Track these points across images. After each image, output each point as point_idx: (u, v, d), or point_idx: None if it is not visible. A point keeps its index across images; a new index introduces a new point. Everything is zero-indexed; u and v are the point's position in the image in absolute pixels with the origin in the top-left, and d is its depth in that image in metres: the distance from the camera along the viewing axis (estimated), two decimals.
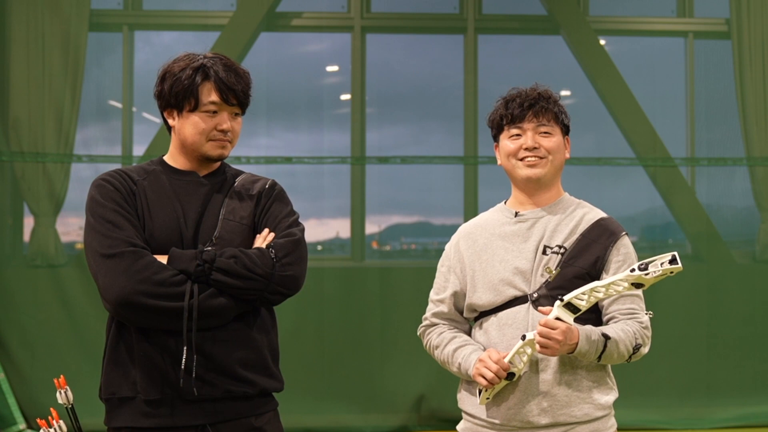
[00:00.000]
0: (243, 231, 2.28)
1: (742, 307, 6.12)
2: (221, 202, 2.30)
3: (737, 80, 6.22)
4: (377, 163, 6.33)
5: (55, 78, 5.93)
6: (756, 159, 6.18)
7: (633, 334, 2.30)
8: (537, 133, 2.45)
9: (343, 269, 6.27)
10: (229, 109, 2.28)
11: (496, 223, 2.51)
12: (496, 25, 6.51)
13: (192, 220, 2.25)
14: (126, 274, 2.10)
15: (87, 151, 6.09)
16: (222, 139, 2.28)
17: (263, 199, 2.34)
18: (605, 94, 6.29)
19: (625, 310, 2.34)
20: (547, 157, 2.45)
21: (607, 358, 2.28)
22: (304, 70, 6.62)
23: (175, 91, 2.26)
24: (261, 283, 2.18)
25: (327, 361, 5.96)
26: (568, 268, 2.33)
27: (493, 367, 2.28)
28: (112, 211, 2.18)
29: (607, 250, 2.35)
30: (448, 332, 2.53)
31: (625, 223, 2.53)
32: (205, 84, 2.26)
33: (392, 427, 5.82)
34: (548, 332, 2.17)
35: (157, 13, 6.44)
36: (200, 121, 2.26)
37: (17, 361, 5.74)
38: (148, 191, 2.26)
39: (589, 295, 2.17)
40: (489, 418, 2.38)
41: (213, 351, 2.17)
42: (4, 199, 6.08)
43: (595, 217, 2.44)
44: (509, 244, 2.43)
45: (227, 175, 2.37)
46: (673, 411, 5.96)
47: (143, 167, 2.35)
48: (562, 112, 2.49)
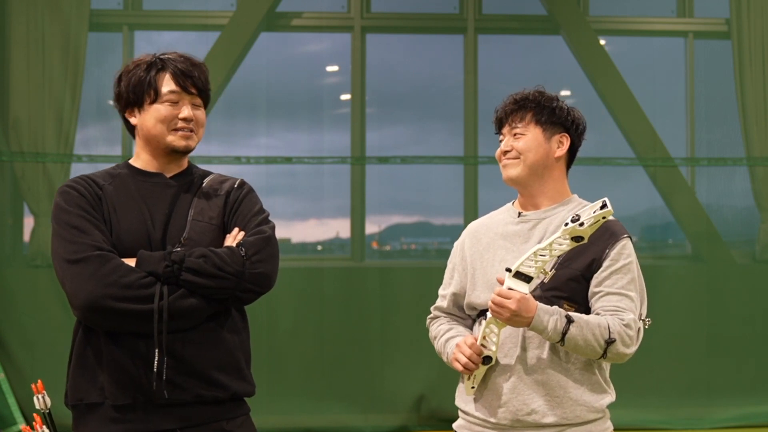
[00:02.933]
0: (212, 231, 2.25)
1: (742, 307, 6.12)
2: (189, 202, 2.27)
3: (737, 80, 6.22)
4: (377, 163, 6.33)
5: (55, 78, 5.92)
6: (756, 159, 6.18)
7: (606, 327, 2.25)
8: (512, 136, 2.48)
9: (343, 269, 6.27)
10: (189, 98, 2.27)
11: (500, 222, 2.51)
12: (496, 25, 6.52)
13: (160, 222, 2.22)
14: (93, 279, 2.07)
15: (87, 151, 6.09)
16: (185, 127, 2.25)
17: (232, 198, 2.31)
18: (605, 94, 6.29)
19: (609, 307, 2.30)
20: (519, 158, 2.45)
21: (571, 342, 2.23)
22: (304, 70, 6.62)
23: (133, 85, 2.25)
24: (232, 281, 2.15)
25: (327, 361, 5.96)
26: (563, 269, 2.31)
27: (467, 351, 2.30)
28: (77, 217, 2.16)
29: (603, 253, 2.32)
30: (446, 324, 2.56)
31: (625, 223, 2.50)
32: (162, 74, 2.26)
33: (392, 427, 5.83)
34: (501, 300, 2.18)
35: (157, 13, 6.44)
36: (161, 110, 2.24)
37: (17, 361, 5.74)
38: (114, 195, 2.23)
39: (535, 260, 2.16)
40: (481, 415, 2.39)
41: (183, 353, 2.14)
42: (4, 199, 6.08)
43: None
44: (510, 244, 2.43)
45: (195, 176, 2.34)
46: (673, 411, 5.96)
47: (109, 171, 2.32)
48: (546, 110, 2.47)
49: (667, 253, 6.67)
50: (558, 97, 2.53)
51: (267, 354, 5.88)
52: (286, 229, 6.53)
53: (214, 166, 6.20)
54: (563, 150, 2.47)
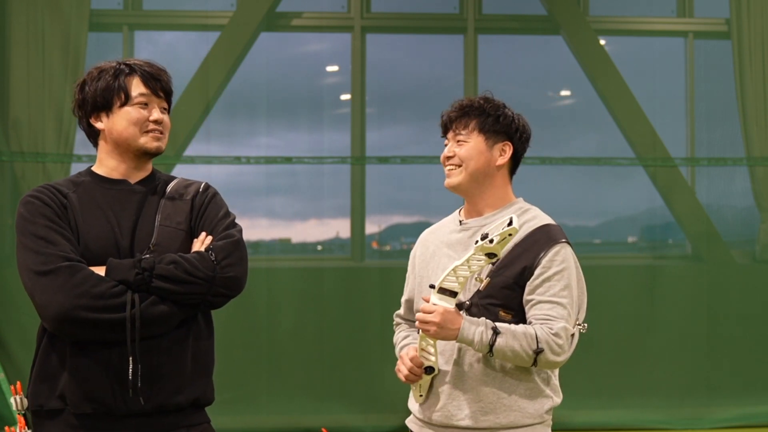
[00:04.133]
0: (180, 236, 2.24)
1: (742, 307, 6.12)
2: (156, 208, 2.26)
3: (737, 80, 6.22)
4: (377, 163, 6.33)
5: (55, 78, 5.93)
6: (756, 159, 6.18)
7: (534, 337, 2.26)
8: (455, 142, 2.48)
9: (343, 269, 6.27)
10: (157, 101, 2.28)
11: (446, 230, 2.56)
12: (496, 25, 6.52)
13: (127, 228, 2.21)
14: (63, 290, 2.05)
15: (87, 151, 6.08)
16: (156, 129, 2.26)
17: (198, 202, 2.30)
18: (605, 94, 6.29)
19: (540, 316, 2.30)
20: (461, 165, 2.46)
21: (500, 353, 2.25)
22: (304, 70, 6.62)
23: (101, 90, 2.25)
24: (203, 286, 2.14)
25: (327, 361, 5.96)
26: (498, 277, 2.32)
27: (408, 363, 2.37)
28: (43, 227, 2.13)
29: (535, 260, 2.32)
30: (404, 332, 2.63)
31: (625, 223, 2.54)
32: (131, 77, 2.26)
33: (392, 427, 5.83)
34: (424, 316, 2.24)
35: (157, 13, 6.44)
36: (132, 112, 2.24)
37: (17, 361, 5.73)
38: (79, 203, 2.22)
39: (456, 276, 2.21)
40: (422, 417, 2.45)
41: (149, 361, 2.13)
42: (4, 199, 6.08)
43: (535, 225, 2.39)
44: (453, 252, 2.45)
45: (159, 181, 2.33)
46: (673, 411, 5.97)
47: (71, 180, 2.31)
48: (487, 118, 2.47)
49: (667, 253, 6.67)
50: (504, 104, 2.53)
51: (267, 354, 5.88)
52: (286, 229, 6.54)
53: (214, 166, 6.20)
54: (505, 158, 2.47)
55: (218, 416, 2.44)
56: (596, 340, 5.82)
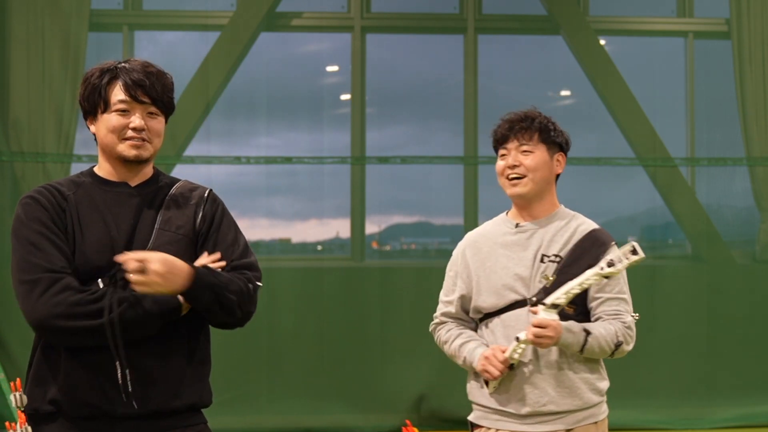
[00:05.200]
0: (179, 241, 2.21)
1: (742, 307, 6.12)
2: (156, 212, 2.23)
3: (737, 80, 6.22)
4: (377, 163, 6.34)
5: (55, 78, 5.93)
6: (756, 159, 6.18)
7: (614, 333, 2.57)
8: (519, 152, 2.66)
9: (343, 269, 6.27)
10: (141, 107, 2.20)
11: (498, 233, 2.73)
12: (496, 25, 6.52)
13: (125, 232, 2.18)
14: (41, 300, 2.06)
15: (87, 151, 6.09)
16: (136, 137, 2.19)
17: (206, 212, 2.27)
18: (605, 94, 6.29)
19: (611, 311, 2.60)
20: (528, 176, 2.65)
21: (589, 351, 2.54)
22: (304, 70, 6.62)
23: (88, 94, 2.21)
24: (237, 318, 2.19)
25: (327, 361, 5.96)
26: (563, 275, 2.56)
27: (499, 366, 2.55)
28: (35, 233, 2.12)
29: (597, 260, 2.52)
30: (455, 329, 2.76)
31: (625, 223, 2.63)
32: (112, 84, 2.20)
33: (392, 427, 5.82)
34: (541, 332, 2.46)
35: (157, 13, 6.45)
36: (110, 119, 2.19)
37: (17, 361, 5.73)
38: (78, 205, 2.19)
39: (567, 295, 2.47)
40: (500, 407, 2.63)
41: (145, 365, 2.12)
42: (4, 199, 6.08)
43: (587, 229, 2.66)
44: (510, 253, 2.66)
45: (161, 184, 2.29)
46: (673, 411, 5.97)
47: (73, 179, 2.27)
48: (548, 131, 2.66)
49: (667, 253, 6.67)
50: (553, 119, 2.73)
51: (267, 354, 5.88)
52: (286, 229, 6.54)
53: (214, 166, 6.20)
54: (561, 168, 2.73)
55: (218, 416, 2.44)
56: None
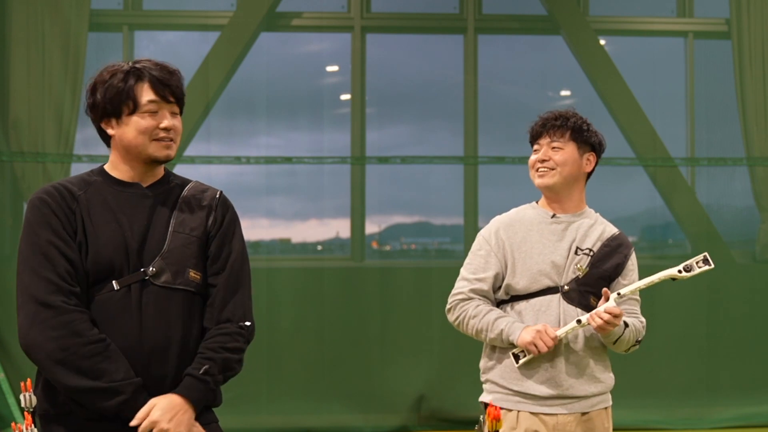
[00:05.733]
0: (192, 243, 2.22)
1: (742, 307, 6.12)
2: (169, 213, 2.23)
3: (737, 80, 6.22)
4: (377, 163, 6.33)
5: (55, 78, 5.92)
6: (756, 159, 6.18)
7: (639, 330, 2.81)
8: (550, 148, 2.81)
9: (343, 269, 6.27)
10: (167, 107, 2.21)
11: (533, 220, 2.85)
12: (496, 25, 6.52)
13: (138, 233, 2.18)
14: (45, 333, 2.11)
15: (87, 151, 6.08)
16: (166, 137, 2.21)
17: (217, 213, 2.29)
18: (605, 94, 6.29)
19: (630, 311, 2.80)
20: (556, 169, 2.80)
21: (620, 342, 2.75)
22: (304, 70, 6.62)
23: (110, 96, 2.18)
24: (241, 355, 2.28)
25: (327, 361, 5.96)
26: (595, 269, 2.77)
27: (549, 342, 2.66)
28: (45, 242, 2.12)
29: (626, 259, 2.83)
30: (485, 305, 2.82)
31: (625, 223, 2.70)
32: (140, 84, 2.19)
33: (392, 427, 5.83)
34: (612, 320, 2.62)
35: (157, 13, 6.44)
36: (141, 120, 2.18)
37: (17, 361, 5.73)
38: (90, 206, 2.18)
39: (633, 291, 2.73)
40: (522, 390, 2.73)
41: (150, 372, 2.15)
42: (4, 199, 6.08)
43: (613, 231, 2.87)
44: (546, 241, 2.80)
45: (172, 185, 2.30)
46: (673, 411, 5.96)
47: (83, 178, 2.26)
48: (581, 130, 2.82)
49: (667, 253, 6.67)
50: (589, 121, 2.89)
51: (267, 354, 5.88)
52: (286, 229, 6.54)
53: (214, 166, 6.20)
54: (590, 167, 2.88)
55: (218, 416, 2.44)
56: None
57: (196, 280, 2.21)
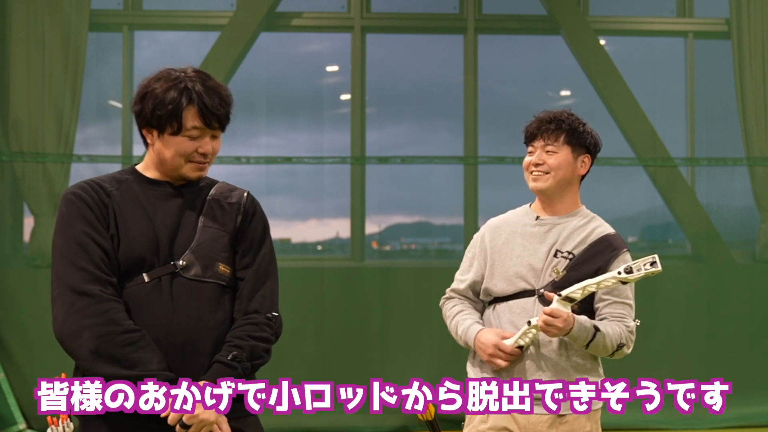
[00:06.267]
0: (221, 238, 2.28)
1: (742, 307, 6.11)
2: (199, 210, 2.29)
3: (737, 80, 6.22)
4: (377, 163, 6.33)
5: (55, 78, 5.92)
6: (756, 159, 6.18)
7: (619, 334, 2.69)
8: (544, 151, 2.76)
9: (343, 269, 6.27)
10: (210, 132, 2.26)
11: (519, 222, 2.84)
12: (496, 25, 6.52)
13: (168, 228, 2.23)
14: (85, 324, 2.11)
15: (87, 151, 6.09)
16: (202, 161, 2.27)
17: (246, 209, 2.35)
18: (605, 94, 6.29)
19: (616, 314, 2.74)
20: (550, 173, 2.76)
21: (594, 347, 2.65)
22: (304, 70, 6.62)
23: (158, 114, 2.20)
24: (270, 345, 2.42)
25: (327, 361, 5.96)
26: (573, 272, 2.68)
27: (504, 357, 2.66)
28: (80, 233, 2.16)
29: (608, 263, 2.71)
30: (458, 305, 2.89)
31: (625, 223, 2.66)
32: (189, 108, 2.20)
33: (392, 427, 5.83)
34: (551, 320, 2.55)
35: (157, 13, 6.44)
36: (182, 144, 2.22)
37: (17, 361, 5.73)
38: (121, 201, 2.23)
39: (583, 291, 2.56)
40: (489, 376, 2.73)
41: (186, 366, 2.18)
42: (4, 199, 6.08)
43: (603, 232, 2.79)
44: (527, 243, 2.77)
45: (202, 185, 2.36)
46: (673, 411, 5.95)
47: (115, 177, 2.31)
48: (576, 133, 2.77)
49: (667, 253, 6.67)
50: (584, 121, 2.84)
51: None
52: (286, 229, 6.53)
53: (214, 165, 6.18)
54: (585, 169, 2.84)
55: None
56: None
57: (225, 273, 2.27)
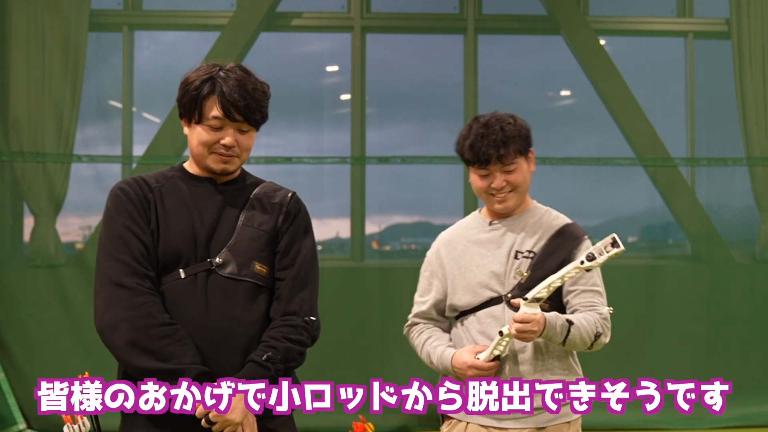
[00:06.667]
0: (260, 237, 2.29)
1: (742, 307, 6.11)
2: (240, 209, 2.31)
3: (737, 80, 6.22)
4: (377, 163, 6.33)
5: (55, 78, 5.92)
6: (756, 159, 6.18)
7: (594, 324, 2.56)
8: (504, 172, 2.62)
9: (343, 269, 6.27)
10: (233, 125, 2.27)
11: (472, 231, 2.76)
12: (496, 25, 6.51)
13: (208, 225, 2.26)
14: (123, 316, 2.14)
15: (87, 151, 6.09)
16: (225, 153, 2.27)
17: (290, 209, 2.37)
18: (605, 94, 6.29)
19: (586, 303, 2.61)
20: (515, 189, 2.65)
21: (571, 342, 2.52)
22: (304, 70, 6.62)
23: (184, 101, 2.27)
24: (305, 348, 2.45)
25: (327, 360, 5.96)
26: (537, 270, 2.58)
27: (485, 372, 2.55)
28: (122, 227, 2.21)
29: (571, 254, 2.60)
30: (425, 332, 2.80)
31: (625, 223, 2.64)
32: (209, 97, 2.24)
33: (392, 427, 5.83)
34: (524, 326, 2.43)
35: (157, 13, 6.44)
36: (203, 133, 2.26)
37: (17, 361, 5.73)
38: (164, 197, 2.27)
39: (548, 288, 2.44)
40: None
41: (220, 351, 2.21)
42: (4, 199, 6.08)
43: (560, 224, 2.69)
44: (485, 250, 2.68)
45: (246, 183, 2.38)
46: (673, 411, 5.95)
47: (163, 173, 2.36)
48: (520, 139, 2.61)
49: (667, 253, 6.67)
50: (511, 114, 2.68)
51: None
52: None
53: None
54: (534, 163, 2.71)
55: None
56: None
57: (262, 273, 2.28)
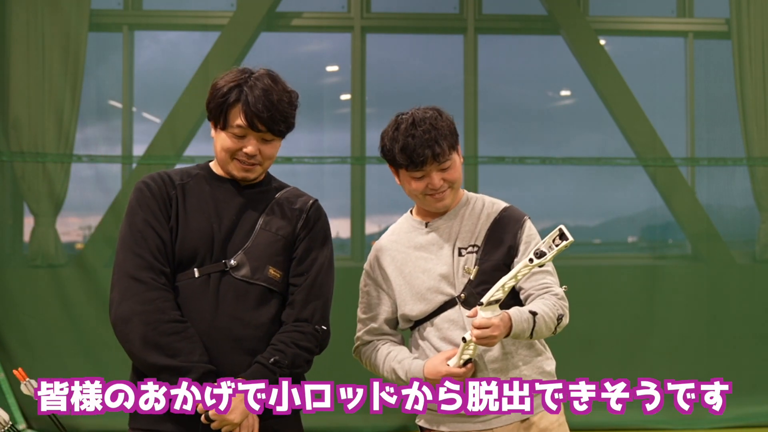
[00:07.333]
0: (277, 242, 2.30)
1: (742, 307, 6.11)
2: (260, 212, 2.32)
3: (737, 80, 6.22)
4: (377, 163, 6.33)
5: (55, 78, 5.93)
6: (756, 159, 6.18)
7: (552, 306, 2.41)
8: (440, 171, 2.50)
9: (343, 269, 6.23)
10: (257, 134, 2.27)
11: (408, 235, 2.61)
12: (496, 25, 6.52)
13: (226, 226, 2.27)
14: (136, 311, 2.15)
15: (87, 151, 6.09)
16: (246, 162, 2.29)
17: (310, 216, 2.36)
18: (605, 94, 6.29)
19: (539, 286, 2.46)
20: (452, 186, 2.53)
21: (538, 332, 2.37)
22: (304, 70, 6.62)
23: (211, 106, 2.29)
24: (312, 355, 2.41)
25: (326, 361, 5.95)
26: (485, 263, 2.47)
27: (462, 379, 2.39)
28: (142, 221, 2.23)
29: (516, 238, 2.49)
30: (381, 347, 2.68)
31: (625, 223, 2.60)
32: (235, 106, 2.25)
33: (392, 427, 5.83)
34: (484, 332, 2.27)
35: (157, 13, 6.45)
36: (227, 140, 2.28)
37: (17, 361, 5.73)
38: (186, 195, 2.29)
39: (503, 289, 2.27)
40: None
41: (227, 364, 2.23)
42: (4, 199, 6.08)
43: (498, 210, 2.56)
44: (427, 254, 2.54)
45: (269, 187, 2.39)
46: (673, 411, 5.95)
47: (188, 170, 2.38)
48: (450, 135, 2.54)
49: (667, 253, 6.67)
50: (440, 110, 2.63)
51: None
52: None
53: None
54: (460, 154, 2.60)
55: None
56: (596, 340, 5.82)
57: (275, 277, 2.29)
